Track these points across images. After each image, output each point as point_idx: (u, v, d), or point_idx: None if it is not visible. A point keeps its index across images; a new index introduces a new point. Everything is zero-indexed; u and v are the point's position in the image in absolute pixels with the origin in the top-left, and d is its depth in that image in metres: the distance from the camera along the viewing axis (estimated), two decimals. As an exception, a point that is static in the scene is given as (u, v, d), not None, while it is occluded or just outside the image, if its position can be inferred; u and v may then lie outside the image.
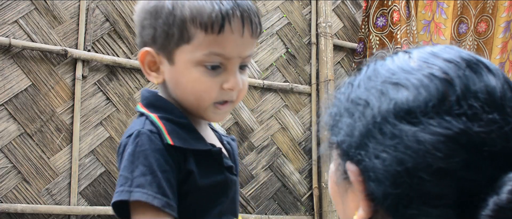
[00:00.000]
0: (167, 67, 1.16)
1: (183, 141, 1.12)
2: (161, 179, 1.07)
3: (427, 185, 0.62)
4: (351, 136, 0.69)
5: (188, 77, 1.14)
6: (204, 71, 1.13)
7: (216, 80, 1.14)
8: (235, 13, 1.12)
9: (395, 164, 0.63)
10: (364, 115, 0.68)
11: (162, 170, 1.08)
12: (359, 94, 0.70)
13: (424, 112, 0.63)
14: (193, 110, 1.18)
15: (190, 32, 1.12)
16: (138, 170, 1.07)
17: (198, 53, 1.12)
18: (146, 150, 1.09)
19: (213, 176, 1.15)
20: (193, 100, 1.16)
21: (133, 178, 1.07)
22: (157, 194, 1.05)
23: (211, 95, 1.15)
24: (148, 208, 1.06)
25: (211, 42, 1.12)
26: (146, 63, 1.19)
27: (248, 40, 1.16)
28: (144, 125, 1.13)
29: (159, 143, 1.10)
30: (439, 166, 0.61)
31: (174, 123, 1.14)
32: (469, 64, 0.66)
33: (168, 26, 1.13)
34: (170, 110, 1.17)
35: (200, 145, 1.15)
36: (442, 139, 0.61)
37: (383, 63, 0.72)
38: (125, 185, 1.07)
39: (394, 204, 0.64)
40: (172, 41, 1.13)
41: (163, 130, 1.12)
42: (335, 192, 0.76)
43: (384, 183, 0.64)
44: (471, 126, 0.61)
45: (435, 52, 0.69)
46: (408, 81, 0.66)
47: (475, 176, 0.61)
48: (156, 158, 1.08)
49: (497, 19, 3.33)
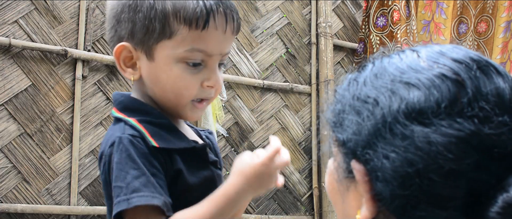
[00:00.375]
0: (145, 63, 1.13)
1: (167, 142, 1.10)
2: (153, 181, 1.05)
3: (437, 187, 0.62)
4: (358, 135, 0.68)
5: (168, 73, 1.11)
6: (185, 67, 1.11)
7: (197, 77, 1.12)
8: (219, 9, 1.11)
9: (405, 165, 0.63)
10: (373, 114, 0.67)
11: (152, 173, 1.06)
12: (366, 92, 0.69)
13: (436, 113, 0.63)
14: (171, 107, 1.16)
15: (172, 27, 1.09)
16: (130, 175, 1.05)
17: (180, 49, 1.10)
18: (131, 154, 1.06)
19: (201, 172, 1.14)
20: (172, 98, 1.13)
21: (127, 185, 1.04)
22: (155, 194, 1.04)
23: (191, 92, 1.13)
24: (149, 210, 1.04)
25: (195, 38, 1.10)
26: (122, 58, 1.14)
27: (229, 37, 1.15)
28: (125, 131, 1.10)
29: (143, 146, 1.07)
30: (451, 167, 0.61)
31: (155, 124, 1.12)
32: (479, 65, 0.66)
33: (149, 20, 1.10)
34: (148, 112, 1.14)
35: (184, 144, 1.13)
36: (454, 141, 0.61)
37: (390, 61, 0.71)
38: (121, 195, 1.04)
39: (401, 205, 0.64)
40: (153, 36, 1.10)
41: (145, 133, 1.09)
42: (334, 190, 0.76)
43: (392, 184, 0.64)
44: (482, 128, 0.61)
45: (444, 52, 0.68)
46: (419, 81, 0.65)
47: (485, 177, 0.61)
48: (143, 162, 1.06)
49: (497, 19, 3.33)
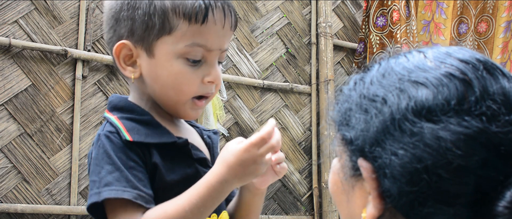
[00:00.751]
0: (145, 60, 1.13)
1: (143, 136, 1.10)
2: (128, 174, 1.05)
3: (445, 183, 0.63)
4: (366, 132, 0.69)
5: (169, 69, 1.11)
6: (186, 63, 1.11)
7: (197, 73, 1.13)
8: (217, 4, 1.12)
9: (414, 162, 0.64)
10: (381, 112, 0.68)
11: (128, 166, 1.06)
12: (374, 91, 0.70)
13: (444, 111, 0.64)
14: (171, 105, 1.16)
15: (172, 23, 1.10)
16: (104, 170, 1.06)
17: (180, 44, 1.10)
18: (107, 150, 1.07)
19: (182, 169, 1.13)
20: (173, 95, 1.13)
21: (100, 179, 1.05)
22: (127, 188, 1.04)
23: (192, 88, 1.13)
24: (120, 203, 1.05)
25: (195, 32, 1.10)
26: (122, 57, 1.14)
27: (227, 32, 1.15)
28: (104, 128, 1.11)
29: (119, 141, 1.08)
30: (459, 163, 0.62)
31: (135, 121, 1.12)
32: (486, 66, 0.68)
33: (148, 16, 1.10)
34: (131, 109, 1.15)
35: (164, 139, 1.12)
36: (462, 138, 0.62)
37: (396, 61, 0.72)
38: (94, 188, 1.06)
39: (409, 202, 0.65)
40: (153, 32, 1.11)
41: (121, 128, 1.10)
42: (339, 189, 0.76)
43: (400, 181, 0.65)
44: (490, 126, 0.63)
45: (450, 53, 0.70)
46: (427, 80, 0.67)
47: (492, 174, 0.63)
48: (119, 156, 1.07)
49: (498, 19, 3.33)
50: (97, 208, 1.07)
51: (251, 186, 1.19)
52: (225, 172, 1.03)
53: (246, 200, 1.23)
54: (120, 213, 1.05)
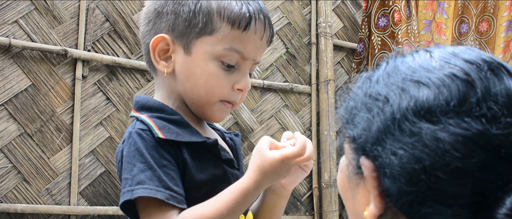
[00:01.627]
0: (181, 57, 1.15)
1: (175, 135, 1.11)
2: (160, 173, 1.06)
3: (443, 184, 0.62)
4: (368, 131, 0.69)
5: (203, 69, 1.13)
6: (220, 66, 1.14)
7: (229, 78, 1.15)
8: (260, 15, 1.15)
9: (413, 162, 0.63)
10: (383, 111, 0.68)
11: (160, 165, 1.07)
12: (378, 89, 0.70)
13: (444, 111, 0.64)
14: (199, 105, 1.17)
15: (215, 24, 1.12)
16: (136, 168, 1.06)
17: (219, 46, 1.13)
18: (139, 148, 1.08)
19: (210, 169, 1.14)
20: (203, 94, 1.15)
21: (132, 177, 1.06)
22: (159, 188, 1.04)
23: (223, 92, 1.15)
24: (153, 203, 1.05)
25: (235, 37, 1.13)
26: (158, 50, 1.16)
27: (264, 45, 1.19)
28: (135, 126, 1.12)
29: (151, 139, 1.09)
30: (457, 165, 0.62)
31: (166, 120, 1.13)
32: (491, 66, 0.67)
33: (193, 14, 1.13)
34: (161, 109, 1.16)
35: (194, 138, 1.13)
36: (461, 139, 0.62)
37: (403, 60, 0.72)
38: (127, 186, 1.06)
39: (408, 202, 0.65)
40: (194, 30, 1.13)
41: (153, 126, 1.11)
42: (345, 187, 0.77)
43: (399, 180, 0.65)
44: (490, 128, 0.62)
45: (457, 53, 0.69)
46: (429, 80, 0.66)
47: (492, 177, 0.62)
48: (152, 154, 1.07)
49: (499, 19, 3.33)
50: (129, 205, 1.08)
51: (278, 188, 1.21)
52: (260, 179, 1.05)
53: (271, 202, 1.24)
54: (154, 212, 1.05)
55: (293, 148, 1.05)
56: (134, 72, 2.71)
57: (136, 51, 2.72)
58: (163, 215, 1.05)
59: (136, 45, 2.73)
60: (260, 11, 1.16)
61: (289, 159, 1.04)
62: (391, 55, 0.75)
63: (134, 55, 2.71)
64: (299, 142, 1.06)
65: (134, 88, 2.70)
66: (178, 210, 1.06)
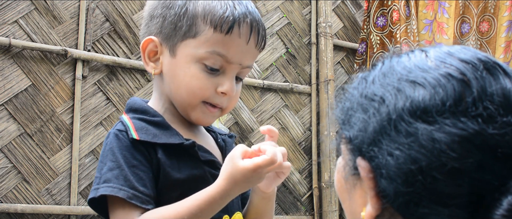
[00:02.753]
0: (167, 59, 1.17)
1: (151, 136, 1.12)
2: (128, 173, 1.08)
3: (440, 185, 0.62)
4: (364, 132, 0.69)
5: (186, 71, 1.15)
6: (203, 69, 1.14)
7: (212, 81, 1.15)
8: (246, 19, 1.15)
9: (409, 162, 0.63)
10: (379, 111, 0.68)
11: (130, 165, 1.09)
12: (374, 90, 0.70)
13: (440, 111, 0.63)
14: (183, 106, 1.18)
15: (198, 27, 1.14)
16: (106, 166, 1.09)
17: (202, 49, 1.13)
18: (113, 147, 1.11)
19: (188, 170, 1.14)
20: (185, 96, 1.16)
21: (101, 175, 1.09)
22: (123, 187, 1.06)
23: (204, 93, 1.15)
24: (117, 201, 1.07)
25: (217, 41, 1.13)
26: (147, 51, 1.19)
27: (251, 50, 1.18)
28: (115, 127, 1.15)
29: (126, 140, 1.11)
30: (453, 166, 0.61)
31: (146, 121, 1.15)
32: (486, 66, 0.66)
33: (178, 18, 1.15)
34: (144, 111, 1.18)
35: (171, 139, 1.14)
36: (457, 139, 0.62)
37: (398, 60, 0.71)
38: (95, 184, 1.09)
39: (405, 202, 0.65)
40: (179, 33, 1.15)
41: (130, 127, 1.13)
42: (342, 187, 0.76)
43: (396, 181, 0.64)
44: (486, 128, 0.62)
45: (452, 52, 0.69)
46: (425, 80, 0.66)
47: (488, 177, 0.62)
48: (123, 154, 1.10)
49: (499, 19, 3.32)
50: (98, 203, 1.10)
51: (257, 189, 1.21)
52: (229, 187, 1.05)
53: (255, 203, 1.25)
54: (118, 211, 1.08)
55: (264, 156, 1.04)
56: (134, 72, 2.71)
57: (136, 51, 2.72)
58: (125, 214, 1.06)
59: (136, 45, 2.73)
60: (247, 14, 1.15)
61: (261, 168, 1.03)
62: (386, 55, 0.75)
63: (134, 55, 2.71)
64: (269, 150, 1.04)
65: (134, 88, 2.70)
66: (141, 210, 1.07)
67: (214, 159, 1.20)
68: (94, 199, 1.08)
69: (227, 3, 1.15)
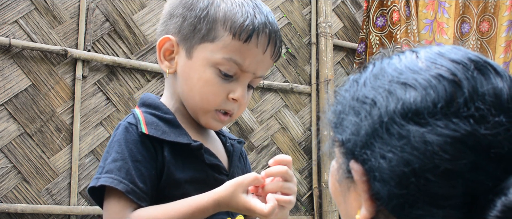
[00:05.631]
0: (183, 60, 1.17)
1: (160, 133, 1.13)
2: (131, 167, 1.08)
3: (433, 186, 0.62)
4: (356, 135, 0.69)
5: (200, 74, 1.15)
6: (217, 74, 1.15)
7: (225, 87, 1.16)
8: (265, 29, 1.15)
9: (402, 165, 0.63)
10: (370, 114, 0.67)
11: (134, 159, 1.09)
12: (365, 92, 0.70)
13: (432, 113, 0.63)
14: (194, 110, 1.19)
15: (217, 32, 1.14)
16: (111, 157, 1.09)
17: (218, 54, 1.14)
18: (120, 139, 1.11)
19: (191, 171, 1.15)
20: (198, 100, 1.17)
21: (105, 165, 1.09)
22: (124, 180, 1.07)
23: (217, 99, 1.16)
24: (114, 193, 1.07)
25: (235, 48, 1.13)
26: (163, 50, 1.20)
27: (267, 60, 1.18)
28: (126, 119, 1.15)
29: (135, 134, 1.11)
30: (446, 167, 0.61)
31: (158, 117, 1.16)
32: (477, 66, 0.66)
33: (198, 20, 1.15)
34: (157, 107, 1.18)
35: (180, 139, 1.14)
36: (449, 141, 0.61)
37: (389, 62, 0.71)
38: (97, 173, 1.10)
39: (399, 204, 0.64)
40: (197, 36, 1.15)
41: (141, 120, 1.13)
42: (337, 191, 0.76)
43: (389, 184, 0.64)
44: (478, 128, 0.61)
45: (443, 53, 0.69)
46: (416, 82, 0.66)
47: (482, 177, 0.61)
48: (129, 148, 1.10)
49: (500, 18, 3.32)
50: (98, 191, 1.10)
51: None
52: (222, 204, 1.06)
53: None
54: (112, 202, 1.08)
55: (262, 206, 1.04)
56: (134, 72, 2.71)
57: (136, 51, 2.72)
58: (119, 207, 1.07)
59: (136, 45, 2.73)
60: (266, 24, 1.16)
61: (255, 214, 1.05)
62: (377, 56, 0.75)
63: (134, 55, 2.71)
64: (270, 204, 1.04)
65: (134, 88, 2.70)
66: (136, 206, 1.07)
67: (219, 163, 1.20)
68: (94, 187, 1.09)
69: (248, 11, 1.15)
